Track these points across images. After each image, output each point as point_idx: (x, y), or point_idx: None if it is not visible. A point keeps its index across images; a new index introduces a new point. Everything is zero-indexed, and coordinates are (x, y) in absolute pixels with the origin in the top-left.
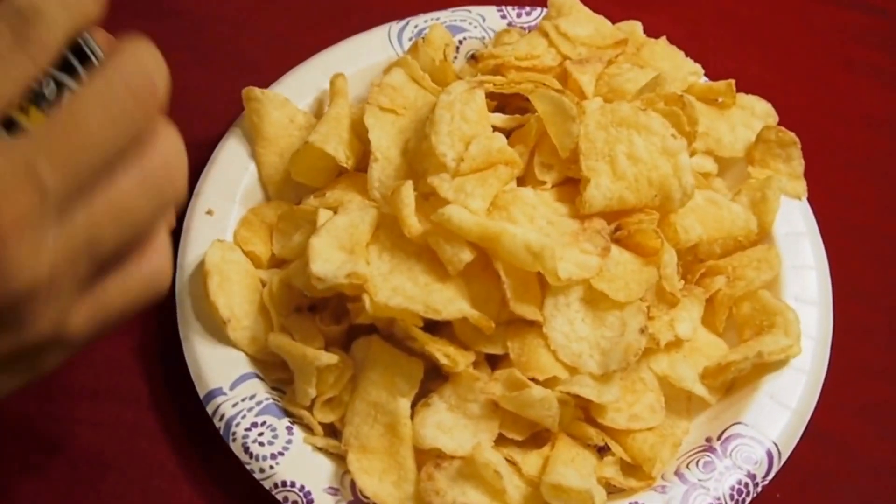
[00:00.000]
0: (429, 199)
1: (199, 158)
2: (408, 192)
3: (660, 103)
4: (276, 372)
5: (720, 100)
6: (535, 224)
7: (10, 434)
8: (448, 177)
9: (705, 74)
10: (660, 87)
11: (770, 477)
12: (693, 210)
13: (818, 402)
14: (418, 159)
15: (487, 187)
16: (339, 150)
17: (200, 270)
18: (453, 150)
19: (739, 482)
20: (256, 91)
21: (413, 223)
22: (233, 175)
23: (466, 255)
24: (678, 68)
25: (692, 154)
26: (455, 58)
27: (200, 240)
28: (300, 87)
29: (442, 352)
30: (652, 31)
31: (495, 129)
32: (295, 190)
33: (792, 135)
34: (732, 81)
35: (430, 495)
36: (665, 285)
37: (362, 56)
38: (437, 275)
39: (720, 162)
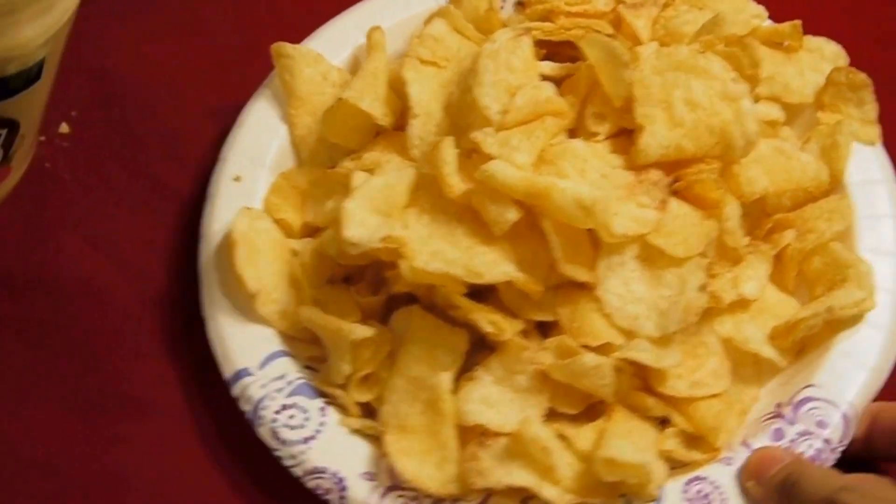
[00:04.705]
0: (471, 157)
1: (227, 121)
2: (448, 149)
3: (719, 45)
4: (308, 349)
5: (786, 43)
6: (586, 178)
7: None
8: (492, 131)
9: (769, 17)
10: (719, 28)
11: (848, 440)
12: (758, 160)
13: None
14: (461, 114)
15: (534, 140)
16: (376, 106)
17: (226, 241)
18: (498, 103)
19: (812, 448)
20: (287, 47)
21: (454, 182)
22: (262, 138)
23: (512, 214)
24: (740, 10)
25: (757, 101)
26: (502, 7)
27: (227, 208)
28: (334, 42)
29: (486, 319)
30: None
31: (545, 77)
32: (329, 153)
33: (864, 76)
34: (799, 22)
35: (473, 476)
36: (727, 240)
37: (401, 8)
38: (481, 237)
39: (788, 109)
